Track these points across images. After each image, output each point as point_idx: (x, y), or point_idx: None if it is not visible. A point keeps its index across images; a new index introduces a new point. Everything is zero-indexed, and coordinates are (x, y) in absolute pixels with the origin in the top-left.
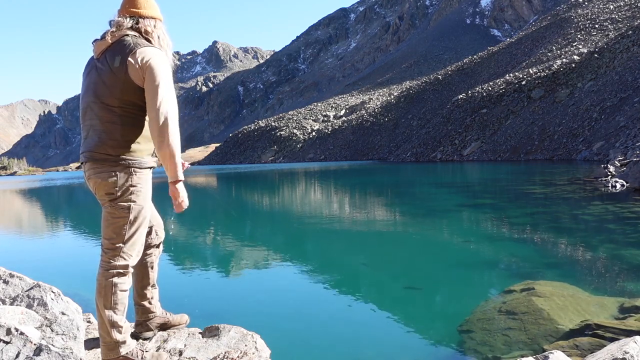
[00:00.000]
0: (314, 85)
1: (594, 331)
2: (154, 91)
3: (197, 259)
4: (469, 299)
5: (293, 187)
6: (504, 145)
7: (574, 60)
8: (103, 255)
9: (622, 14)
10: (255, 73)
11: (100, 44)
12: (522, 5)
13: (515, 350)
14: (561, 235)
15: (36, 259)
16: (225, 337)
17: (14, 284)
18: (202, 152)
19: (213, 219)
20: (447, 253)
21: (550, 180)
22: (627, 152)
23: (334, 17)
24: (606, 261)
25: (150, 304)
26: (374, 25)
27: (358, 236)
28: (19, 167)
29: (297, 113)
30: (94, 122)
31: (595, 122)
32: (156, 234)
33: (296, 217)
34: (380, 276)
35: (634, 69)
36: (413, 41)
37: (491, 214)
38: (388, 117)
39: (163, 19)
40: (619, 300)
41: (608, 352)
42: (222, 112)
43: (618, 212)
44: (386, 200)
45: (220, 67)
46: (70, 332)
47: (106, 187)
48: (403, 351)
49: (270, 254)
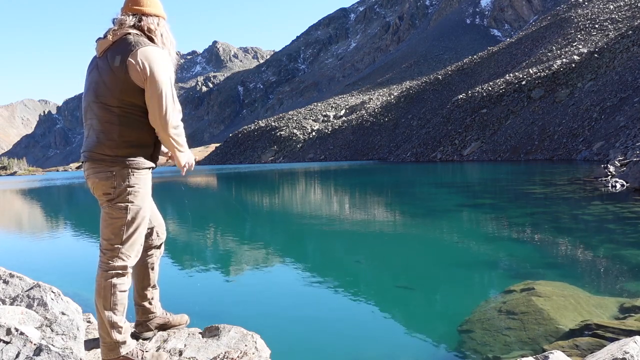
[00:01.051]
0: (314, 85)
1: (594, 331)
2: (156, 93)
3: (197, 259)
4: (469, 299)
5: (293, 187)
6: (504, 145)
7: (574, 60)
8: (102, 256)
9: (622, 14)
10: (255, 73)
11: (102, 43)
12: (522, 5)
13: (515, 350)
14: (561, 235)
15: (36, 259)
16: (225, 337)
17: (14, 284)
18: (202, 152)
19: (213, 219)
20: (447, 253)
21: (550, 180)
22: (627, 152)
23: (334, 17)
24: (606, 261)
25: (150, 304)
26: (374, 25)
27: (358, 236)
28: (19, 167)
29: (297, 113)
30: (94, 121)
31: (595, 122)
32: (157, 235)
33: (296, 217)
34: (380, 276)
35: (634, 69)
36: (413, 41)
37: (491, 214)
38: (388, 117)
39: (167, 17)
40: (619, 300)
41: (608, 352)
42: (222, 112)
43: (618, 212)
44: (386, 200)
45: (220, 67)
46: (70, 332)
47: (104, 187)
48: (403, 351)
49: (270, 254)
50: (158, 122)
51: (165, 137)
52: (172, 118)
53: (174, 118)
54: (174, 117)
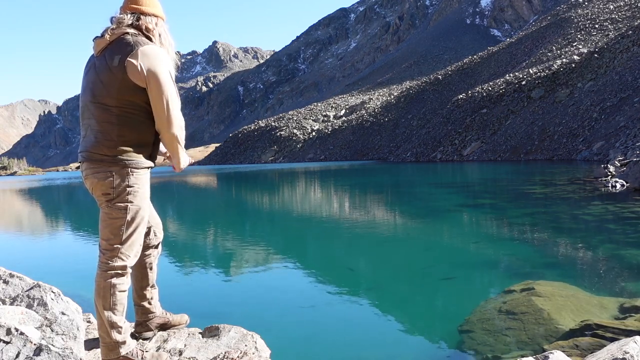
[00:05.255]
0: (314, 85)
1: (594, 331)
2: (159, 92)
3: (197, 259)
4: (469, 299)
5: (293, 187)
6: (504, 145)
7: (574, 60)
8: (101, 256)
9: (622, 14)
10: (255, 73)
11: (100, 42)
12: (522, 5)
13: (515, 350)
14: (561, 235)
15: (36, 259)
16: (225, 337)
17: (14, 284)
18: (202, 152)
19: (213, 219)
20: (447, 253)
21: (550, 180)
22: (627, 152)
23: (334, 17)
24: (606, 261)
25: (150, 304)
26: (374, 25)
27: (358, 236)
28: (19, 167)
29: (297, 113)
30: (91, 121)
31: (595, 122)
32: (155, 235)
33: (296, 217)
34: (380, 276)
35: (634, 69)
36: (413, 41)
37: (491, 214)
38: (388, 117)
39: (166, 18)
40: (619, 300)
41: (608, 352)
42: (222, 112)
43: (618, 212)
44: (386, 201)
45: (220, 67)
46: (70, 332)
47: (103, 187)
48: (403, 351)
49: (270, 253)
50: (164, 121)
51: (169, 136)
52: (176, 116)
53: (179, 116)
54: (178, 115)
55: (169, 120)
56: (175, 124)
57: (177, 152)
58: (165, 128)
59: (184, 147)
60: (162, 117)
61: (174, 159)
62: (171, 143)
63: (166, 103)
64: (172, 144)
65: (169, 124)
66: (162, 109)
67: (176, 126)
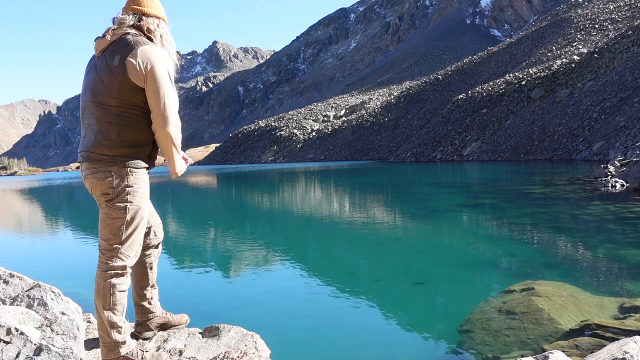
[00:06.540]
0: (314, 85)
1: (594, 331)
2: (156, 90)
3: (197, 259)
4: (469, 299)
5: (293, 187)
6: (504, 145)
7: (574, 60)
8: (101, 256)
9: (622, 14)
10: (255, 73)
11: (101, 42)
12: (522, 5)
13: (515, 350)
14: (561, 235)
15: (36, 259)
16: (225, 337)
17: (14, 284)
18: (202, 152)
19: (213, 219)
20: (447, 253)
21: (550, 180)
22: (627, 152)
23: (334, 17)
24: (606, 261)
25: (150, 304)
26: (374, 25)
27: (358, 236)
28: (19, 167)
29: (297, 113)
30: (91, 121)
31: (595, 122)
32: (155, 235)
33: (296, 217)
34: (380, 276)
35: (634, 69)
36: (413, 41)
37: (491, 214)
38: (388, 117)
39: (167, 20)
40: (619, 300)
41: (608, 352)
42: (222, 112)
43: (618, 212)
44: (386, 200)
45: (220, 67)
46: (70, 332)
47: (102, 187)
48: (403, 351)
49: (270, 254)
50: (159, 119)
51: (164, 134)
52: (172, 115)
53: (175, 116)
54: (175, 115)
55: (164, 118)
56: (170, 122)
57: (172, 154)
58: (160, 126)
59: (180, 150)
60: (157, 115)
61: (169, 162)
62: (166, 143)
63: (162, 101)
64: (167, 145)
65: (164, 122)
66: (157, 106)
67: (172, 125)
